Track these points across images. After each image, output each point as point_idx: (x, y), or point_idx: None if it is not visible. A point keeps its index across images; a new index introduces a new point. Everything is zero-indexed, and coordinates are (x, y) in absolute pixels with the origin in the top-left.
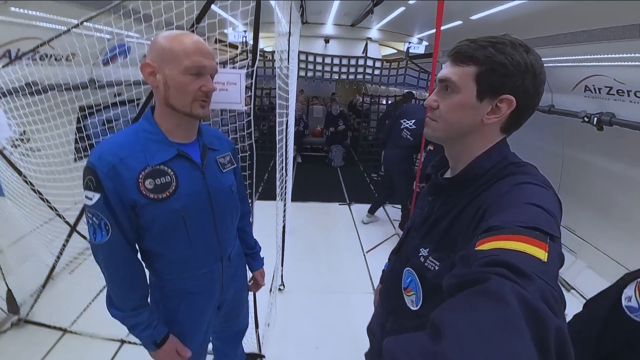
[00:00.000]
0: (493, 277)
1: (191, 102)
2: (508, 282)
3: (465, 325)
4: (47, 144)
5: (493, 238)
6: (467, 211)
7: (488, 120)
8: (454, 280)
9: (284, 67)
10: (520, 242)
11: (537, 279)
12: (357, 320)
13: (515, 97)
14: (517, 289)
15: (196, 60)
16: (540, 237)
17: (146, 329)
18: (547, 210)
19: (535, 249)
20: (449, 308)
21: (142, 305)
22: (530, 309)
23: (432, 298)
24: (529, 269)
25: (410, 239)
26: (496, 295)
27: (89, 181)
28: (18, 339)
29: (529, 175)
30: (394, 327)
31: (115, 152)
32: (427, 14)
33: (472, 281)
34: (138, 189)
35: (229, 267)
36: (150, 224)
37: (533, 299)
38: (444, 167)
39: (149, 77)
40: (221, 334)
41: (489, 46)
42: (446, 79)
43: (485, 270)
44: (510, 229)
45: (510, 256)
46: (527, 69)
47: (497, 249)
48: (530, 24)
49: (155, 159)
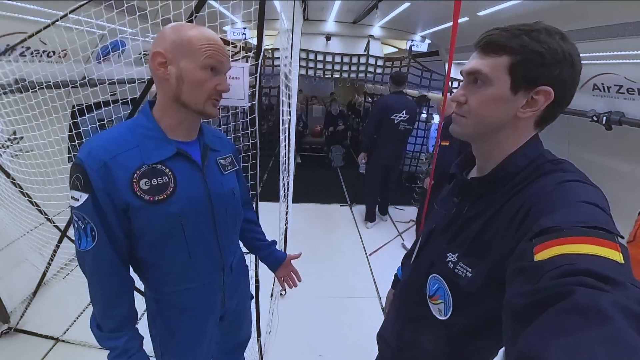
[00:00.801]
0: (578, 289)
1: (205, 100)
2: (598, 292)
3: (568, 354)
4: (37, 144)
5: (553, 242)
6: (504, 212)
7: (523, 115)
8: (525, 299)
9: (287, 64)
10: (588, 244)
11: (627, 284)
12: (361, 326)
13: (553, 88)
14: (611, 298)
15: (217, 57)
16: (608, 236)
17: (119, 356)
18: (603, 209)
19: (607, 250)
20: (540, 337)
21: (122, 328)
22: (636, 318)
23: (464, 306)
24: (613, 273)
25: (434, 243)
26: (590, 309)
27: (77, 179)
28: (8, 348)
29: (571, 173)
30: (413, 337)
31: (107, 148)
32: (431, 11)
33: (552, 298)
34: (132, 190)
35: (230, 277)
36: (144, 230)
37: (634, 306)
38: (469, 165)
39: (158, 68)
40: (223, 345)
41: (522, 34)
42: (476, 71)
43: (564, 283)
44: (571, 229)
45: (586, 262)
46: (564, 58)
47: (564, 255)
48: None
49: (152, 157)
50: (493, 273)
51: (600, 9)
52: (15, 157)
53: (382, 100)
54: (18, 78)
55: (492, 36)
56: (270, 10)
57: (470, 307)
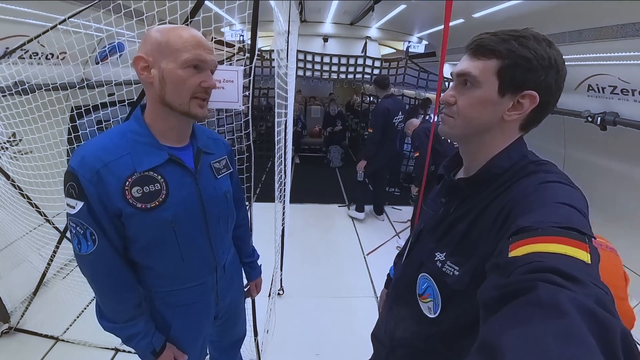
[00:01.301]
0: (540, 285)
1: (189, 99)
2: (559, 289)
3: (523, 342)
4: (36, 146)
5: (527, 241)
6: (489, 212)
7: (509, 117)
8: (495, 292)
9: (282, 66)
10: (559, 243)
11: (588, 283)
12: (358, 325)
13: (538, 93)
14: (570, 295)
15: (197, 54)
16: (579, 237)
17: (144, 338)
18: (579, 210)
19: (576, 250)
20: (500, 326)
21: (137, 315)
22: (590, 315)
23: (452, 304)
24: (577, 272)
25: (423, 242)
26: (549, 304)
27: (71, 187)
28: (8, 348)
29: (553, 174)
30: (405, 335)
31: (99, 155)
32: (428, 13)
33: (518, 291)
34: (124, 197)
35: (223, 277)
36: (137, 235)
37: (590, 304)
38: (456, 166)
39: (142, 72)
40: (219, 343)
41: (511, 39)
42: (466, 73)
43: (530, 278)
44: (545, 229)
45: (554, 260)
46: (550, 64)
47: (535, 253)
48: (533, 22)
49: (143, 164)
50: (479, 272)
51: (594, 11)
52: (14, 159)
53: (383, 107)
54: (18, 81)
55: (483, 40)
56: (267, 12)
57: (458, 304)
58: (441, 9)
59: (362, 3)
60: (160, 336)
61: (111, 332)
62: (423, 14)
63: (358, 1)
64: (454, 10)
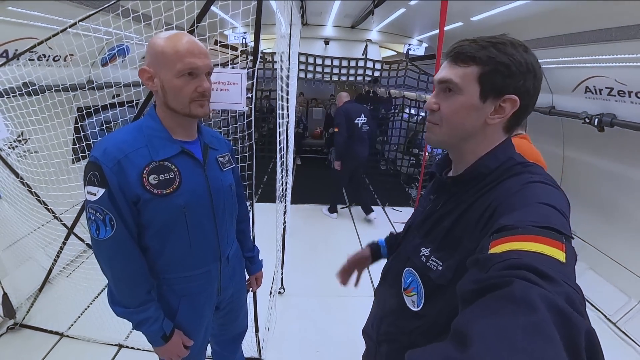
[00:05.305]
0: (515, 281)
1: (189, 104)
2: (532, 286)
3: (492, 332)
4: (44, 145)
5: (507, 239)
6: (473, 210)
7: (492, 121)
8: (473, 285)
9: (284, 68)
10: (537, 242)
11: (561, 281)
12: (357, 324)
13: (518, 97)
14: (542, 292)
15: (188, 62)
16: (557, 237)
17: (155, 322)
18: (560, 210)
19: (553, 249)
20: (473, 315)
21: (148, 300)
22: (559, 313)
23: (434, 298)
24: (551, 271)
25: (410, 238)
26: (522, 299)
27: (93, 176)
28: (14, 343)
29: (537, 175)
30: (390, 330)
31: (120, 147)
32: (427, 16)
33: (494, 286)
34: (142, 184)
35: (226, 267)
36: (151, 220)
37: (560, 302)
38: (449, 165)
39: (147, 82)
40: (220, 337)
41: (490, 46)
42: (447, 80)
43: (507, 274)
44: (525, 228)
45: (530, 258)
46: (528, 69)
47: (513, 250)
48: (531, 25)
49: (159, 154)
50: (462, 267)
51: (591, 14)
52: (23, 157)
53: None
54: (27, 82)
55: (463, 47)
56: (270, 15)
57: (440, 299)
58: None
59: (363, 6)
60: (170, 322)
61: (123, 316)
62: (423, 17)
63: (358, 1)
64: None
